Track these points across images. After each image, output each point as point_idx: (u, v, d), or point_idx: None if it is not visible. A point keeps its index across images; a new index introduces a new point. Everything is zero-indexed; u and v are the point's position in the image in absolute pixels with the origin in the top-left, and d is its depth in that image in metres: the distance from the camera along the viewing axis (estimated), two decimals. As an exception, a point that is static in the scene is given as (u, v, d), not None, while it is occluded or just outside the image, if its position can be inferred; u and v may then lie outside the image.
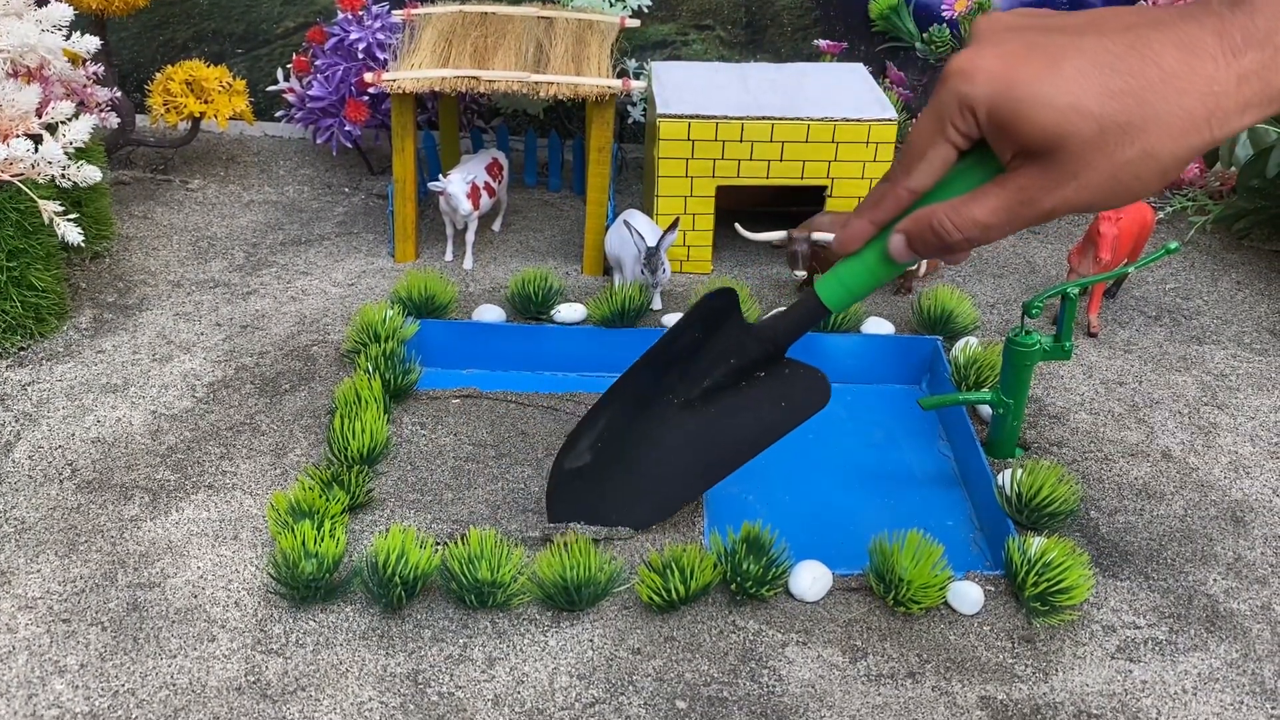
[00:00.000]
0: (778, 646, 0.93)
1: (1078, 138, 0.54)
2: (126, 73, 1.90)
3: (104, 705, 0.86)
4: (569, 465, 1.02)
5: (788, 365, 0.95)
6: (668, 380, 0.98)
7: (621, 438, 1.00)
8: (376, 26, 1.63)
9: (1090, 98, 0.54)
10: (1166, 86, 0.53)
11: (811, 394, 0.95)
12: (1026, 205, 0.58)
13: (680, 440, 0.98)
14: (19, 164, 1.21)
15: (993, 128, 0.58)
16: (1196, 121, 0.53)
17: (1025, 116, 0.55)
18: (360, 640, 0.92)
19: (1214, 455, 1.20)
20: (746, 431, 0.97)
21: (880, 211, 0.68)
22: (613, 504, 1.01)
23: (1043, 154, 0.56)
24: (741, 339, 0.94)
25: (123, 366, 1.28)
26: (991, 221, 0.60)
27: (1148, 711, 0.89)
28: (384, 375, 1.18)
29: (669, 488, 1.00)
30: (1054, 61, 0.55)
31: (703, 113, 1.42)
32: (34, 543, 1.01)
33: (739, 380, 0.96)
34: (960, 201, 0.61)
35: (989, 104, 0.57)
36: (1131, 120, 0.53)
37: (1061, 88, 0.54)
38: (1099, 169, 0.55)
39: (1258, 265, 1.62)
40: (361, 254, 1.56)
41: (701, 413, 0.98)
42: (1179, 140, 0.54)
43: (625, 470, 1.01)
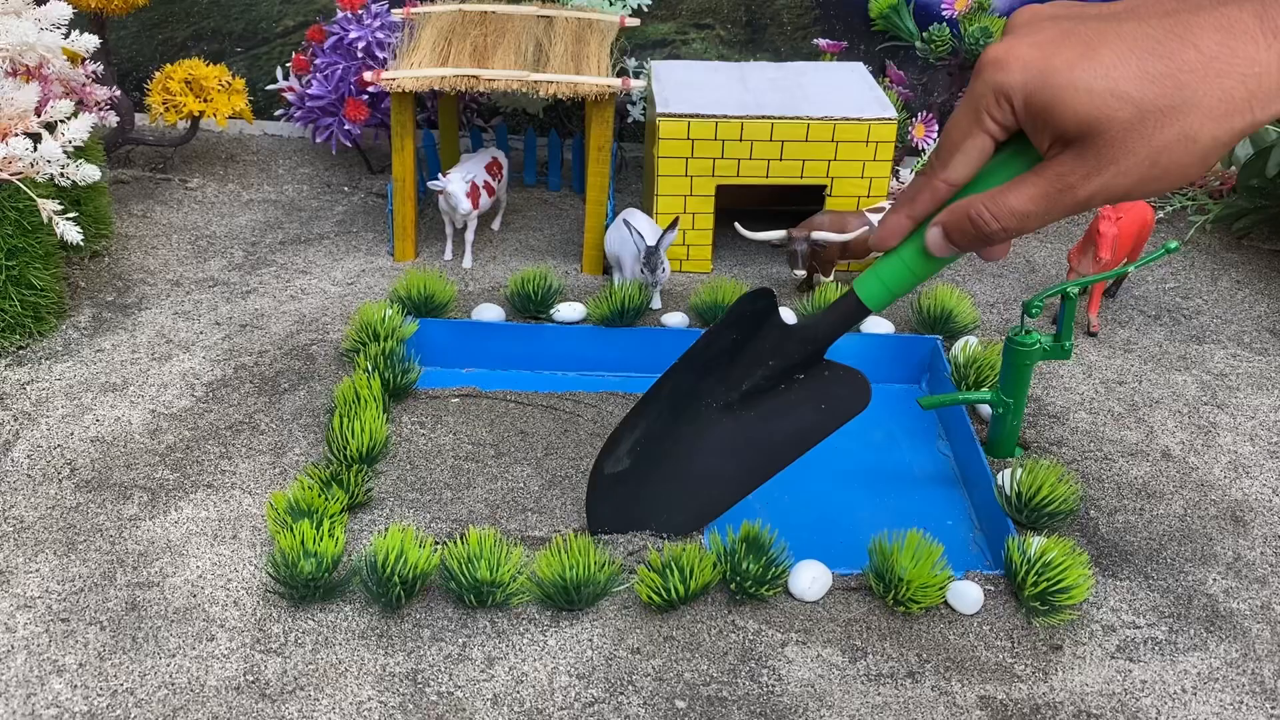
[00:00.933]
0: (777, 646, 0.93)
1: (1116, 122, 0.54)
2: (126, 71, 1.90)
3: (103, 705, 0.86)
4: (609, 470, 1.01)
5: (827, 367, 0.94)
6: (706, 384, 0.97)
7: (661, 442, 0.99)
8: (376, 25, 1.63)
9: (1128, 82, 0.53)
10: (1206, 69, 0.52)
11: (852, 395, 0.94)
12: (1065, 192, 0.58)
13: (720, 444, 0.97)
14: (18, 162, 1.21)
15: (1029, 116, 0.57)
16: (1237, 103, 0.52)
17: (1063, 103, 0.55)
18: (359, 640, 0.92)
19: (1214, 455, 1.20)
20: (788, 434, 0.95)
21: (917, 206, 0.67)
22: (653, 510, 1.00)
23: (1081, 140, 0.56)
24: (780, 341, 0.93)
25: (122, 365, 1.28)
26: (1030, 210, 0.60)
27: (1147, 711, 0.89)
28: (383, 374, 1.18)
29: (711, 493, 0.99)
30: (1091, 48, 0.54)
31: (702, 112, 1.42)
32: (32, 542, 1.01)
33: (778, 383, 0.95)
34: (997, 191, 0.61)
35: (1025, 92, 0.56)
36: (1171, 103, 0.53)
37: (1099, 73, 0.54)
38: (1138, 154, 0.54)
39: (1257, 264, 1.62)
40: (361, 253, 1.56)
41: (741, 416, 0.96)
42: (1220, 123, 0.53)
43: (665, 475, 0.99)
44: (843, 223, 1.38)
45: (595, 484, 1.02)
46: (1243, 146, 1.60)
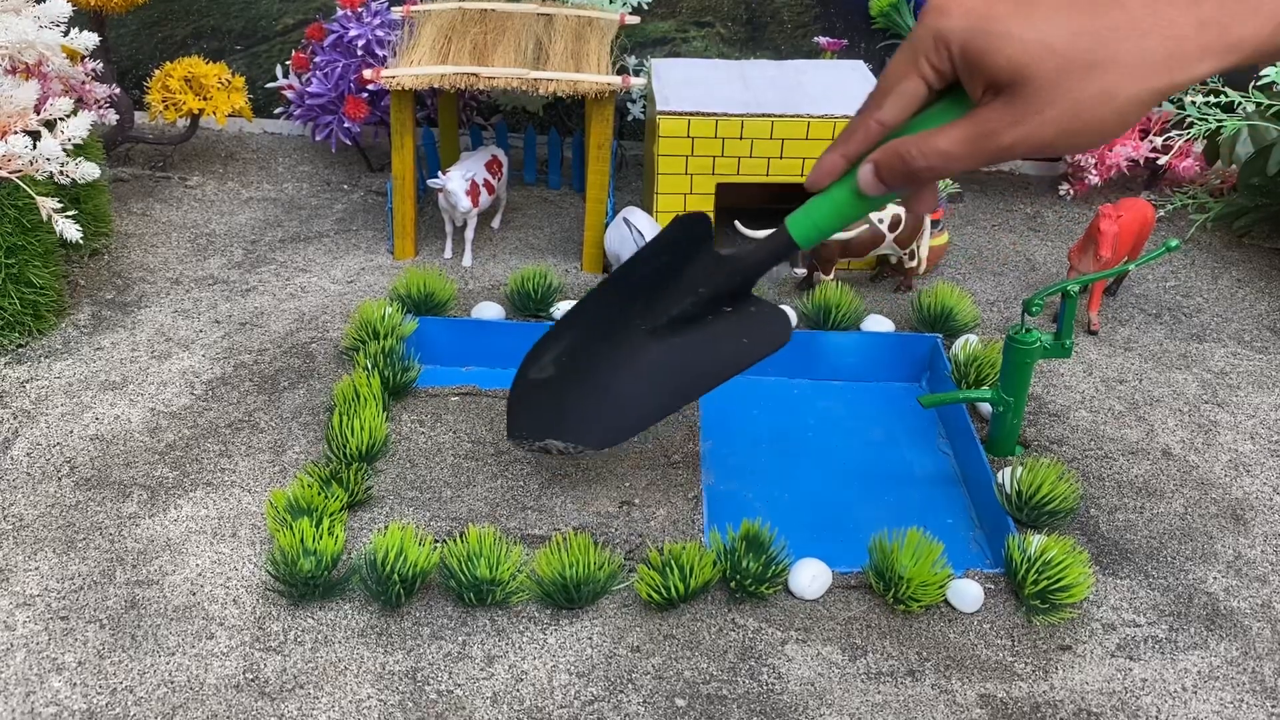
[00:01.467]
0: (777, 644, 0.93)
1: (1042, 72, 0.56)
2: (125, 69, 1.90)
3: (102, 703, 0.85)
4: (533, 376, 1.03)
5: (753, 302, 0.96)
6: (635, 304, 0.99)
7: (586, 357, 1.02)
8: (376, 23, 1.63)
9: (1057, 35, 0.56)
10: (1130, 28, 0.54)
11: (774, 331, 0.96)
12: (989, 138, 0.60)
13: (644, 366, 0.99)
14: (17, 160, 1.21)
15: (965, 62, 0.60)
16: (1155, 64, 0.54)
17: (996, 50, 0.57)
18: (359, 638, 0.92)
19: (1214, 453, 1.20)
20: (709, 363, 0.98)
21: (851, 145, 0.69)
22: (572, 420, 1.02)
23: (1009, 88, 0.58)
24: (712, 269, 0.94)
25: (121, 364, 1.27)
26: (955, 151, 0.62)
27: (1147, 709, 0.89)
28: (383, 373, 1.18)
29: (629, 411, 1.01)
30: (1028, 1, 0.57)
31: (702, 110, 1.41)
32: (32, 540, 1.01)
33: (705, 312, 0.96)
34: (927, 133, 0.63)
35: (963, 38, 0.59)
36: (1095, 58, 0.55)
37: (1032, 24, 0.56)
38: (1060, 105, 0.57)
39: (1258, 263, 1.62)
40: (360, 251, 1.55)
41: (667, 340, 0.98)
42: (1138, 81, 0.55)
43: (588, 389, 1.02)
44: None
45: (517, 389, 1.04)
46: (1244, 145, 1.60)
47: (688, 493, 1.08)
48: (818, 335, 1.32)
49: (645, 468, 1.11)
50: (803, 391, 1.31)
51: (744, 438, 1.22)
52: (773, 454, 1.20)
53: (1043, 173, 1.90)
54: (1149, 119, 1.76)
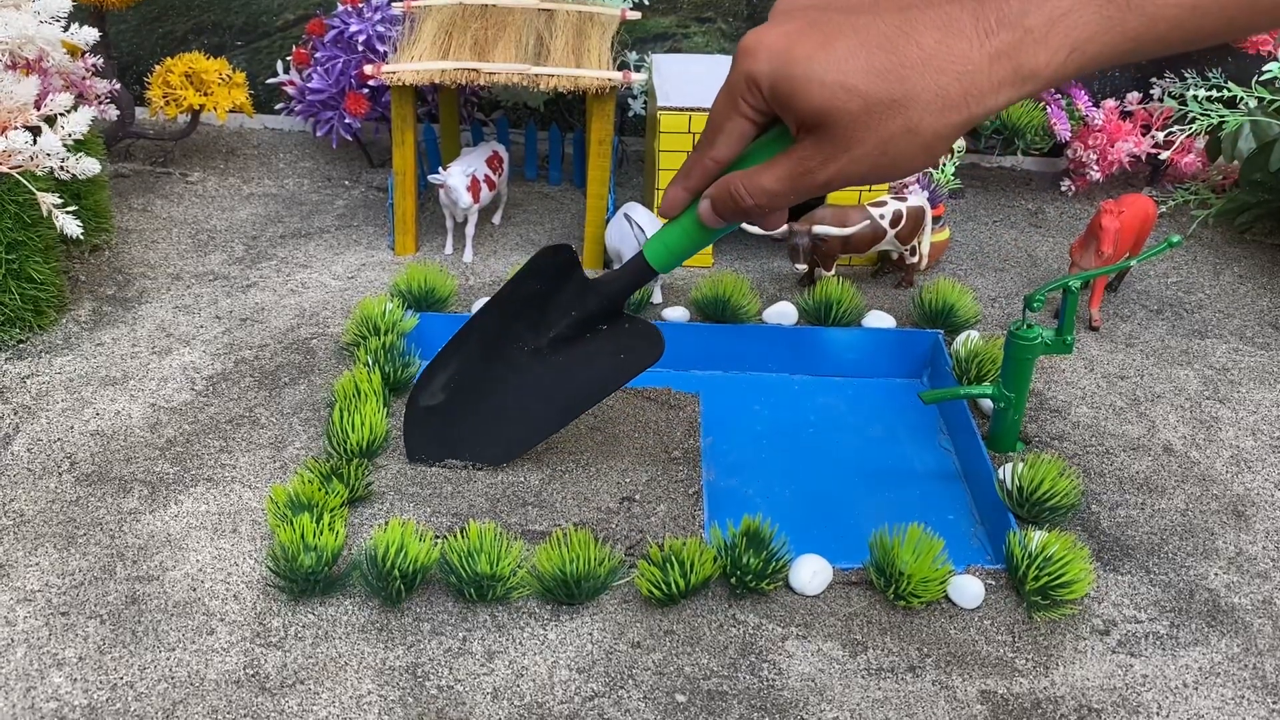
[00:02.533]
0: (777, 640, 0.93)
1: (845, 113, 0.57)
2: (126, 65, 1.89)
3: (102, 698, 0.86)
4: (424, 403, 1.09)
5: (627, 320, 1.03)
6: (516, 327, 1.06)
7: (474, 379, 1.08)
8: (376, 19, 1.63)
9: (856, 76, 0.56)
10: (925, 66, 0.55)
11: (647, 347, 1.02)
12: (806, 175, 0.62)
13: (530, 385, 1.06)
14: (17, 156, 1.21)
15: (776, 102, 0.61)
16: (953, 99, 0.55)
17: (799, 93, 0.58)
18: (359, 633, 0.92)
19: (1215, 449, 1.20)
20: (590, 380, 1.05)
21: (691, 180, 0.73)
22: (468, 442, 1.09)
23: (818, 128, 0.59)
24: (581, 294, 1.01)
25: (122, 359, 1.27)
26: (777, 189, 0.64)
27: (1148, 706, 0.89)
28: (383, 368, 1.18)
29: (521, 429, 1.08)
30: (828, 40, 0.57)
31: (703, 105, 1.41)
32: (32, 535, 1.01)
33: (582, 331, 1.03)
34: (754, 170, 0.66)
35: (770, 80, 0.60)
36: (894, 97, 0.56)
37: (831, 66, 0.57)
38: (867, 143, 0.58)
39: (1260, 259, 1.61)
40: (361, 247, 1.55)
41: (549, 360, 1.05)
42: (938, 117, 0.56)
43: (479, 411, 1.08)
44: (844, 217, 1.38)
45: (411, 415, 1.10)
46: (1245, 141, 1.60)
47: (688, 488, 1.08)
48: (819, 331, 1.32)
49: (646, 464, 1.11)
50: (804, 387, 1.31)
51: (745, 433, 1.22)
52: (773, 450, 1.20)
53: (1044, 169, 1.90)
54: (1150, 114, 1.75)
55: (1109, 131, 1.72)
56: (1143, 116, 1.76)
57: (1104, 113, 1.74)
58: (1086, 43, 0.53)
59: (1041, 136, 1.73)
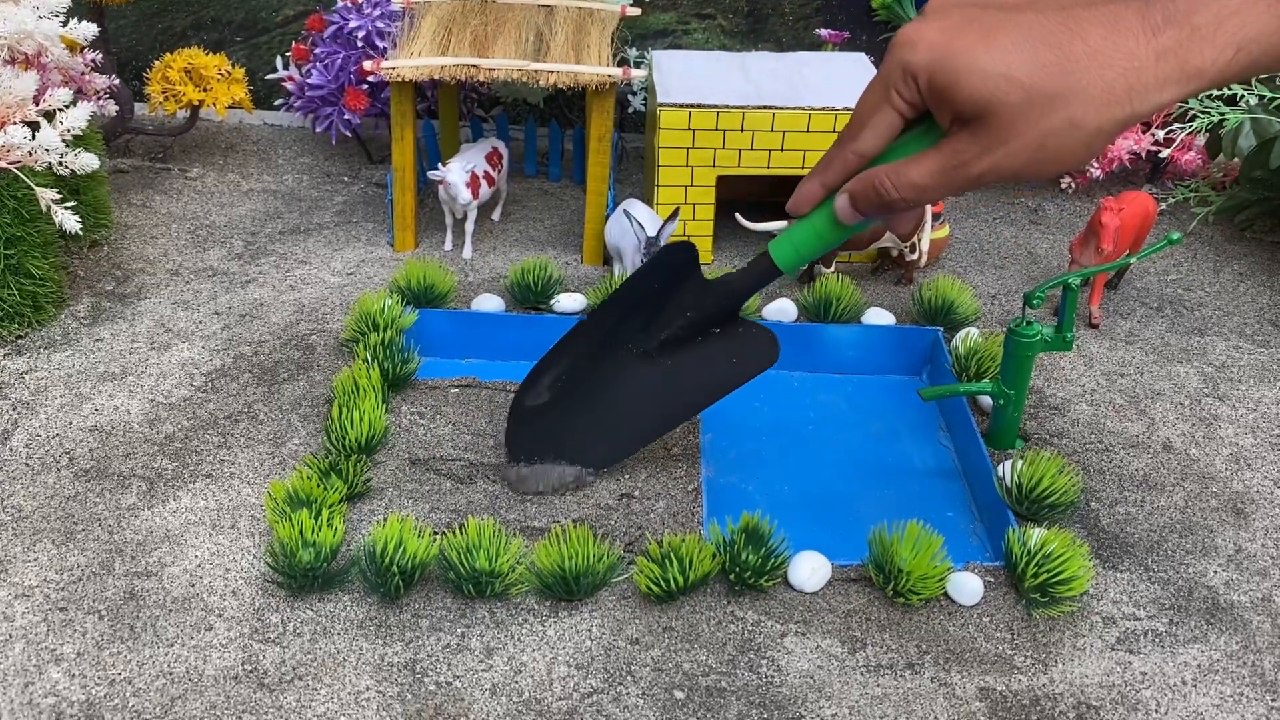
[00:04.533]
0: (776, 637, 0.93)
1: (1007, 105, 0.57)
2: (125, 60, 1.89)
3: (100, 694, 0.85)
4: (529, 403, 1.07)
5: (741, 323, 1.00)
6: (627, 329, 1.03)
7: (581, 380, 1.05)
8: (376, 14, 1.63)
9: (1020, 68, 0.57)
10: (1091, 61, 0.56)
11: (761, 352, 1.00)
12: (959, 169, 0.61)
13: (638, 388, 1.03)
14: (16, 151, 1.21)
15: (932, 94, 0.61)
16: (1117, 94, 0.56)
17: (960, 84, 0.59)
18: (358, 629, 0.92)
19: (1215, 447, 1.20)
20: (700, 384, 1.02)
21: (830, 174, 0.71)
22: (571, 442, 1.06)
23: (976, 120, 0.59)
24: (700, 295, 0.98)
25: (121, 355, 1.27)
26: (927, 183, 0.64)
27: (1147, 703, 0.89)
28: (382, 364, 1.17)
29: (625, 432, 1.05)
30: (990, 34, 0.58)
31: (703, 102, 1.41)
32: (31, 531, 1.01)
33: (695, 334, 1.00)
34: (900, 164, 0.65)
35: (929, 71, 0.60)
36: (1057, 91, 0.56)
37: (995, 58, 0.57)
38: (1026, 136, 0.58)
39: (1260, 257, 1.61)
40: (360, 243, 1.55)
41: (659, 363, 1.02)
42: (1101, 112, 0.56)
43: (584, 412, 1.05)
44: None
45: (515, 415, 1.07)
46: (1246, 138, 1.60)
47: (687, 485, 1.07)
48: (818, 328, 1.32)
49: (645, 460, 1.11)
50: (803, 384, 1.31)
51: (744, 430, 1.22)
52: (773, 446, 1.19)
53: (1044, 166, 1.90)
54: (1151, 112, 1.75)
55: (1109, 129, 1.71)
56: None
57: (1104, 110, 1.73)
58: (1252, 42, 0.54)
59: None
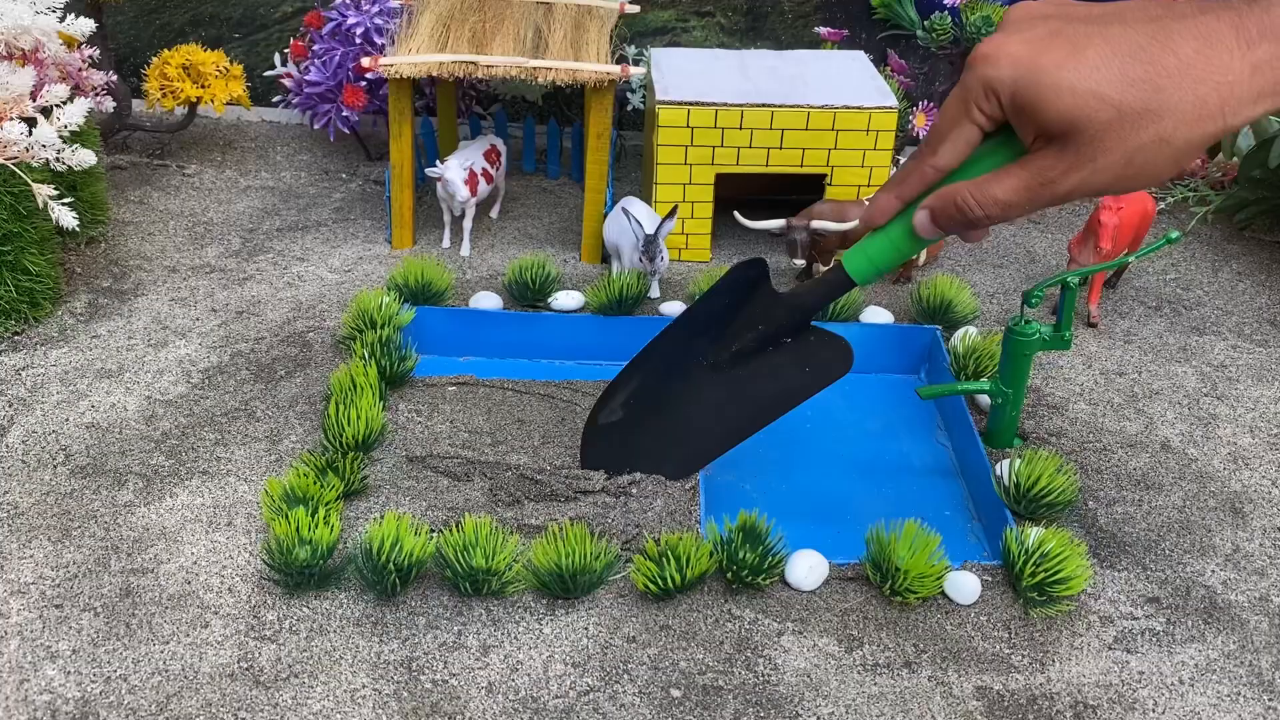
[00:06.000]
0: (773, 635, 0.92)
1: (1096, 122, 0.56)
2: (123, 56, 1.89)
3: (96, 691, 0.85)
4: (603, 420, 1.07)
5: (813, 333, 1.00)
6: (698, 344, 1.03)
7: (654, 396, 1.05)
8: (374, 11, 1.62)
9: (1110, 84, 0.56)
10: (1183, 75, 0.55)
11: (836, 359, 0.99)
12: (1045, 186, 0.60)
13: (710, 400, 1.03)
14: (13, 147, 1.20)
15: (1016, 110, 0.60)
16: (1210, 109, 0.55)
17: (1047, 100, 0.57)
18: (354, 627, 0.92)
19: (1213, 446, 1.20)
20: (774, 393, 1.01)
21: (907, 187, 0.71)
22: (646, 457, 1.06)
23: (1062, 137, 0.58)
24: (770, 308, 0.99)
25: (118, 352, 1.27)
26: (1012, 200, 0.63)
27: (1144, 702, 0.89)
28: (380, 362, 1.17)
29: (699, 443, 1.05)
30: (1077, 48, 0.57)
31: (702, 100, 1.41)
32: (27, 528, 1.01)
33: (766, 346, 1.00)
34: (983, 180, 0.64)
35: (1013, 88, 0.59)
36: (1149, 106, 0.55)
37: (1083, 74, 0.56)
38: (1115, 153, 0.57)
39: (1259, 256, 1.61)
40: (358, 240, 1.55)
41: (730, 374, 1.02)
42: (1193, 127, 0.55)
43: (657, 426, 1.05)
44: (843, 212, 1.38)
45: (590, 432, 1.08)
46: (1244, 138, 1.59)
47: (685, 483, 1.07)
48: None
49: (642, 458, 1.10)
50: (801, 383, 1.30)
51: (742, 429, 1.21)
52: (770, 445, 1.19)
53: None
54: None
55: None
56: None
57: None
58: None
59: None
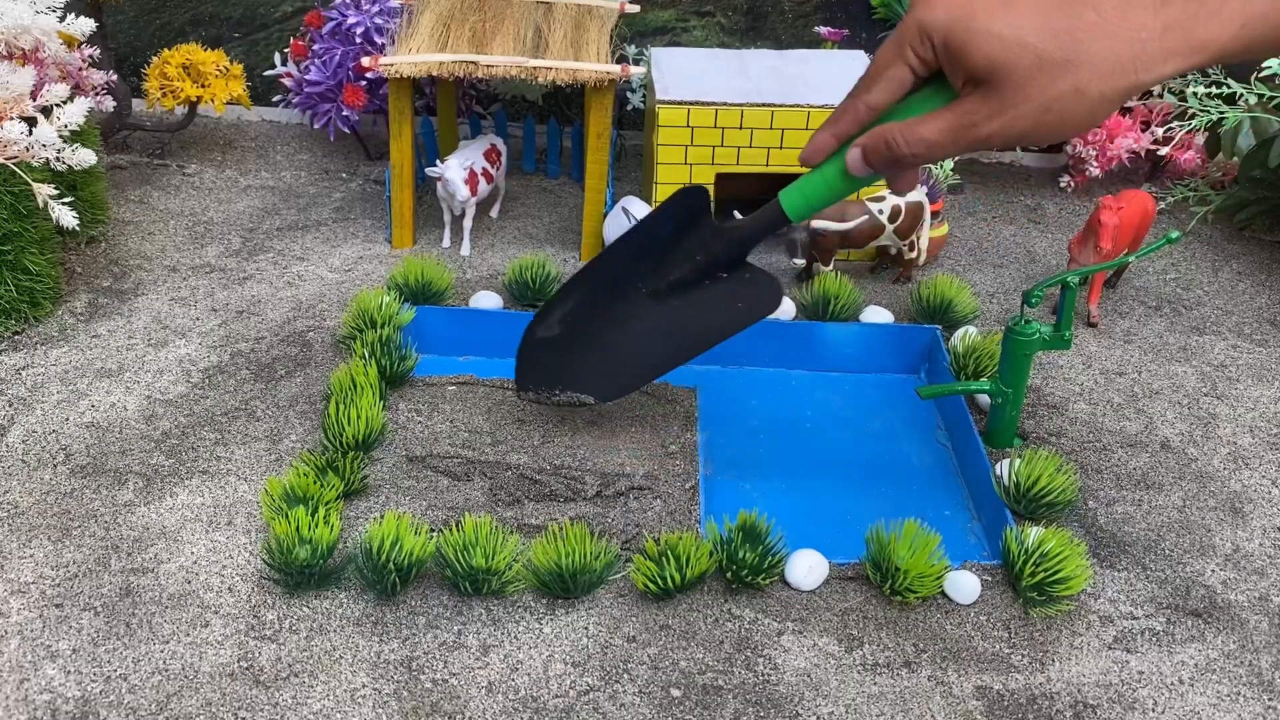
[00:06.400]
0: (773, 635, 0.92)
1: (1019, 68, 0.60)
2: (123, 56, 1.89)
3: (96, 690, 0.85)
4: (540, 334, 1.09)
5: (747, 269, 1.02)
6: (638, 269, 1.05)
7: (592, 317, 1.08)
8: (374, 10, 1.62)
9: (1033, 33, 0.59)
10: (1100, 29, 0.58)
11: (765, 296, 1.02)
12: (969, 129, 0.64)
13: (646, 326, 1.06)
14: (13, 147, 1.20)
15: (947, 54, 0.63)
16: (1123, 64, 0.58)
17: (975, 45, 0.61)
18: (354, 627, 0.92)
19: (1213, 446, 1.20)
20: (707, 325, 1.04)
21: (841, 125, 0.73)
22: (578, 375, 1.09)
23: (987, 82, 0.61)
24: (709, 239, 1.01)
25: (118, 351, 1.27)
26: (936, 140, 0.66)
27: (1144, 702, 0.89)
28: (380, 361, 1.17)
29: (632, 368, 1.08)
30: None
31: (702, 99, 1.41)
32: (27, 527, 1.01)
33: (703, 277, 1.03)
34: (913, 121, 0.67)
35: (945, 31, 0.62)
36: (1067, 57, 0.58)
37: (1011, 21, 0.59)
38: (1034, 100, 0.60)
39: (1259, 256, 1.61)
40: (358, 240, 1.55)
41: (667, 303, 1.05)
42: (1107, 80, 0.59)
43: (593, 346, 1.08)
44: (842, 211, 1.38)
45: (526, 345, 1.10)
46: (1245, 137, 1.59)
47: (685, 483, 1.07)
48: (816, 326, 1.32)
49: (643, 458, 1.11)
50: (801, 382, 1.30)
51: (741, 428, 1.22)
52: (770, 445, 1.19)
53: (1043, 164, 1.90)
54: (1150, 110, 1.75)
55: (1108, 127, 1.72)
56: (1142, 113, 1.75)
57: (1103, 108, 1.73)
58: (1257, 19, 0.56)
59: (1041, 132, 1.72)
